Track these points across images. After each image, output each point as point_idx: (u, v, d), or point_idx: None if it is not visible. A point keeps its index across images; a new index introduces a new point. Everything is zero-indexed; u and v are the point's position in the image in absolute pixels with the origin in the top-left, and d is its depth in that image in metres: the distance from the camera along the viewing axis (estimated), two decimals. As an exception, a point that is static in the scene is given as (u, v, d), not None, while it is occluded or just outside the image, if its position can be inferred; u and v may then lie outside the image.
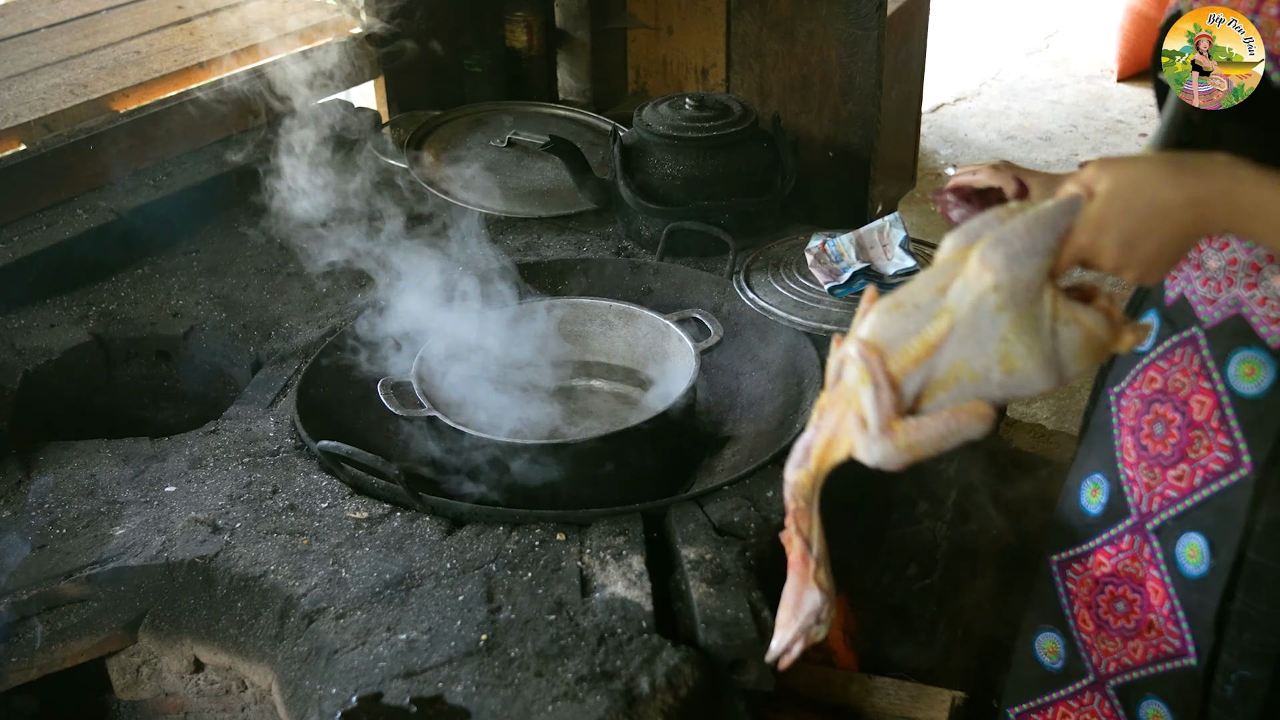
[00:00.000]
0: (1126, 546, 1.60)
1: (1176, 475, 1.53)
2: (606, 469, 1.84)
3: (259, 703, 1.79)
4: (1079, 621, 1.69)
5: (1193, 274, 1.50)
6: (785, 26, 2.91)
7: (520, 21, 3.11)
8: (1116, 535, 1.61)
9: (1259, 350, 1.45)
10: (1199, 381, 1.50)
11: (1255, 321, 1.44)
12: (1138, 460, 1.58)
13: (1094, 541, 1.65)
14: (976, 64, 6.00)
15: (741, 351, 2.18)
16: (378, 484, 1.79)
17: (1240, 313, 1.45)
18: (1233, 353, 1.47)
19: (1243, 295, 1.45)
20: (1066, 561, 1.69)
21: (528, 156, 2.67)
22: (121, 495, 1.82)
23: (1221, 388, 1.48)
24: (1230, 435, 1.47)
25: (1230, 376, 1.47)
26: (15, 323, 2.18)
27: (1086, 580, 1.67)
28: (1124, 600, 1.62)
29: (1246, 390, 1.46)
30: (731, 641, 1.52)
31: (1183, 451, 1.52)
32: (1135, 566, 1.60)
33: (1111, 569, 1.62)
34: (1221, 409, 1.48)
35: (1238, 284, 1.45)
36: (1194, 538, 1.51)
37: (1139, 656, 1.62)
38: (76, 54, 2.69)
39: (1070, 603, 1.70)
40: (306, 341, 2.13)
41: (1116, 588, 1.63)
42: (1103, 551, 1.64)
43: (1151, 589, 1.58)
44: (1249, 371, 1.46)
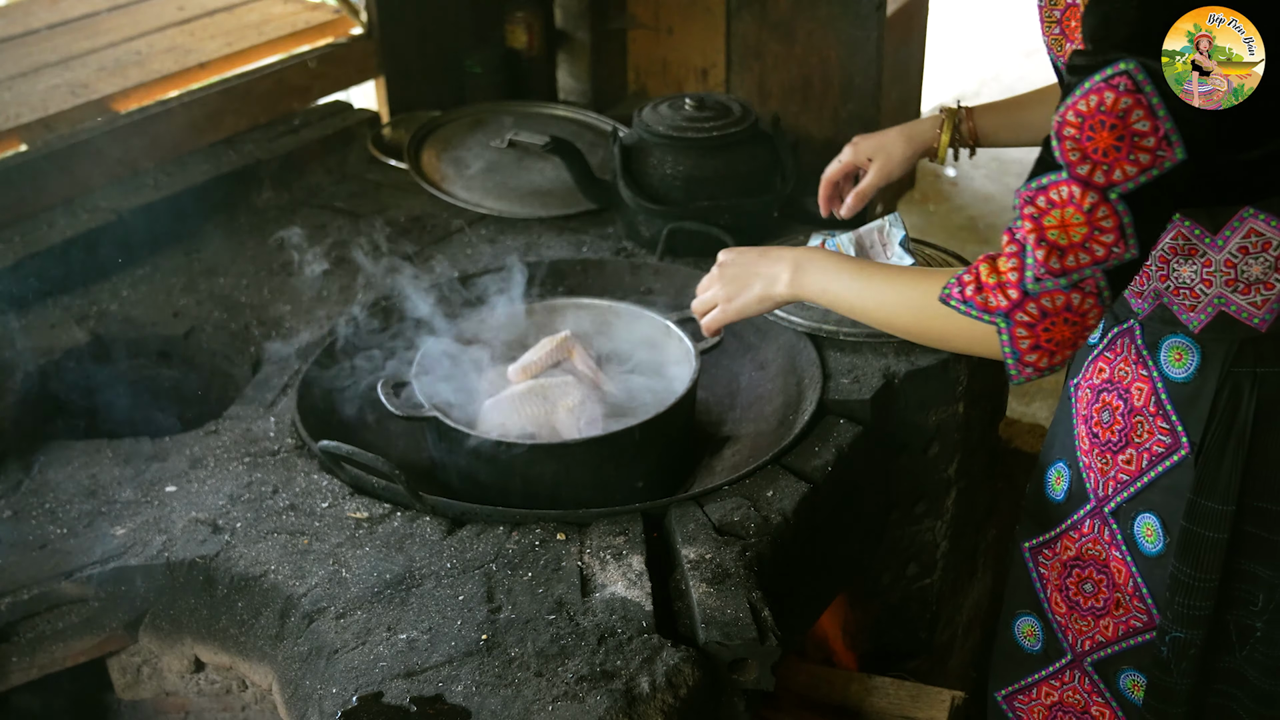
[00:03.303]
0: (1088, 530, 1.68)
1: (1125, 459, 1.61)
2: (606, 469, 1.84)
3: (259, 702, 1.79)
4: (1052, 604, 1.76)
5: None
6: (785, 27, 2.92)
7: (520, 21, 3.11)
8: (1079, 520, 1.69)
9: (1183, 336, 1.53)
10: (1137, 369, 1.58)
11: (1176, 310, 1.52)
12: (1090, 447, 1.65)
13: (1060, 527, 1.73)
14: (976, 64, 6.00)
15: (741, 351, 2.18)
16: (378, 484, 1.79)
17: (1162, 303, 1.53)
18: (1162, 340, 1.55)
19: (1160, 287, 1.52)
20: (1037, 547, 1.77)
21: (528, 156, 2.67)
22: (122, 495, 1.82)
23: (1156, 374, 1.56)
24: (1168, 419, 1.56)
25: (1162, 363, 1.55)
26: (16, 322, 2.18)
27: (1056, 564, 1.74)
28: (1091, 581, 1.70)
29: (1177, 375, 1.54)
30: (731, 641, 1.52)
31: (1128, 436, 1.60)
32: (1098, 549, 1.68)
33: (1077, 552, 1.70)
34: (1157, 394, 1.56)
35: (1153, 278, 1.53)
36: (1148, 517, 1.60)
37: (1110, 634, 1.70)
38: (77, 54, 2.69)
39: (1043, 587, 1.77)
40: (306, 341, 2.13)
41: (1083, 570, 1.70)
42: (1068, 536, 1.71)
43: (1115, 569, 1.66)
44: (1177, 357, 1.54)
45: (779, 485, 1.79)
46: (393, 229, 2.47)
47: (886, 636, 2.30)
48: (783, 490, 1.78)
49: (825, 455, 1.85)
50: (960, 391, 2.05)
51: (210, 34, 2.83)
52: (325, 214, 2.56)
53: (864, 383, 1.97)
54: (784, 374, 2.08)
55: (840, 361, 2.02)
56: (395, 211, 2.55)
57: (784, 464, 1.83)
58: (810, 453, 1.86)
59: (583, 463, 1.83)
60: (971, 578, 2.48)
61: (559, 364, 1.98)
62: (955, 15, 6.31)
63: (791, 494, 1.77)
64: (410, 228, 2.49)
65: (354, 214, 2.55)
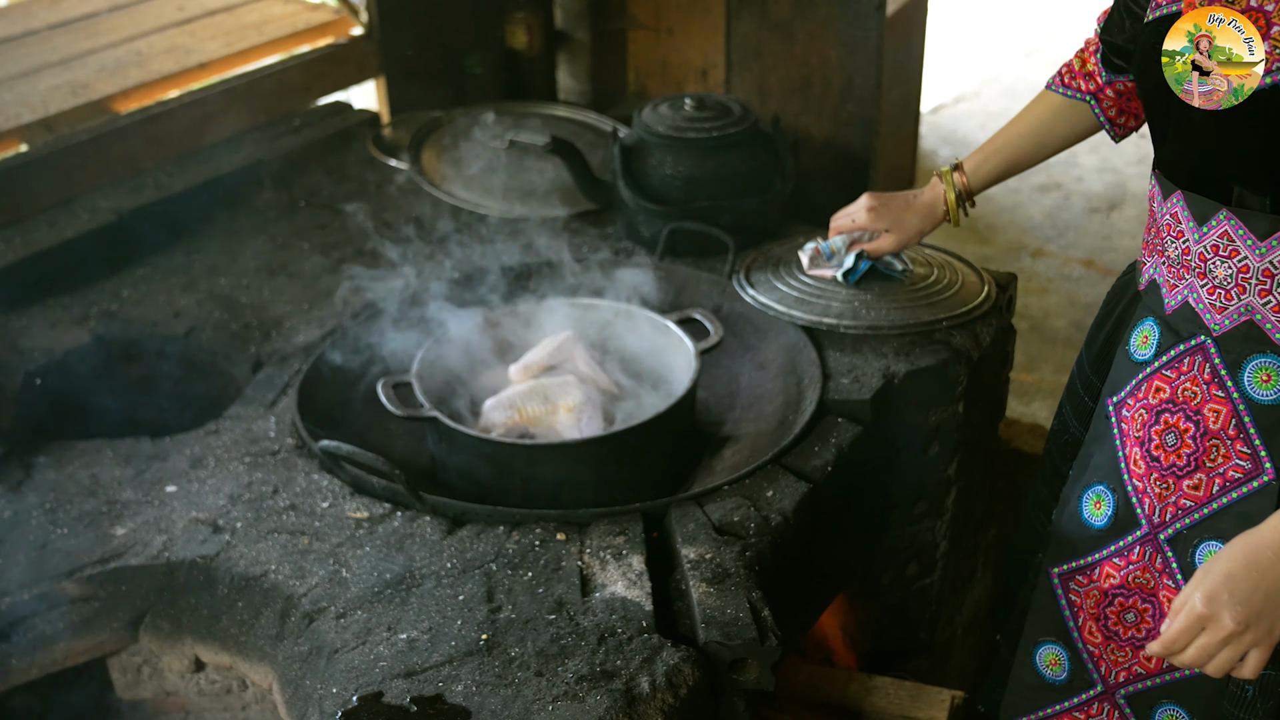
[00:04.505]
0: (1137, 558, 1.59)
1: (1192, 484, 1.52)
2: (606, 469, 1.84)
3: (260, 702, 1.79)
4: (1085, 633, 1.68)
5: (1197, 282, 1.49)
6: (785, 27, 2.92)
7: (520, 22, 3.11)
8: (1125, 547, 1.60)
9: (1273, 356, 1.45)
10: (1211, 390, 1.50)
11: (1269, 328, 1.45)
12: (1148, 471, 1.56)
13: (1099, 554, 1.64)
14: (976, 64, 6.00)
15: (741, 351, 2.18)
16: (378, 484, 1.79)
17: (1253, 319, 1.46)
18: (1247, 360, 1.47)
19: (1255, 302, 1.45)
20: (1069, 574, 1.68)
21: (528, 156, 2.67)
22: (122, 495, 1.82)
23: (1236, 395, 1.48)
24: (1249, 443, 1.48)
25: (1245, 383, 1.47)
26: (16, 322, 2.18)
27: (1093, 593, 1.65)
28: (1134, 611, 1.62)
29: (1263, 397, 1.46)
30: (731, 641, 1.52)
31: (1199, 461, 1.51)
32: (1146, 577, 1.59)
33: (1121, 580, 1.61)
34: (1238, 416, 1.48)
35: (1250, 291, 1.45)
36: (1213, 545, 1.51)
37: (1153, 666, 1.62)
38: (77, 55, 2.70)
39: (1074, 615, 1.69)
40: (306, 341, 2.14)
41: (1126, 598, 1.62)
42: (1110, 564, 1.62)
43: (1164, 598, 1.58)
44: (1265, 378, 1.46)
45: (779, 485, 1.79)
46: (393, 229, 2.48)
47: (886, 636, 2.30)
48: (783, 490, 1.78)
49: (825, 455, 1.85)
50: (960, 391, 2.05)
51: (210, 34, 2.83)
52: (325, 214, 2.56)
53: (864, 382, 1.97)
54: (784, 374, 2.08)
55: (840, 361, 2.02)
56: (395, 211, 2.55)
57: (784, 464, 1.84)
58: (810, 453, 1.86)
59: (583, 463, 1.83)
60: (971, 578, 2.48)
61: (560, 364, 1.98)
62: (955, 15, 6.31)
63: (791, 494, 1.77)
64: (410, 228, 2.49)
65: (354, 214, 2.55)
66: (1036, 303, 4.07)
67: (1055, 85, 1.82)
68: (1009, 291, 2.21)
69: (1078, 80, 1.79)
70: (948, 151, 5.03)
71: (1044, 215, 4.64)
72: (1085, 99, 1.79)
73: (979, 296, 2.13)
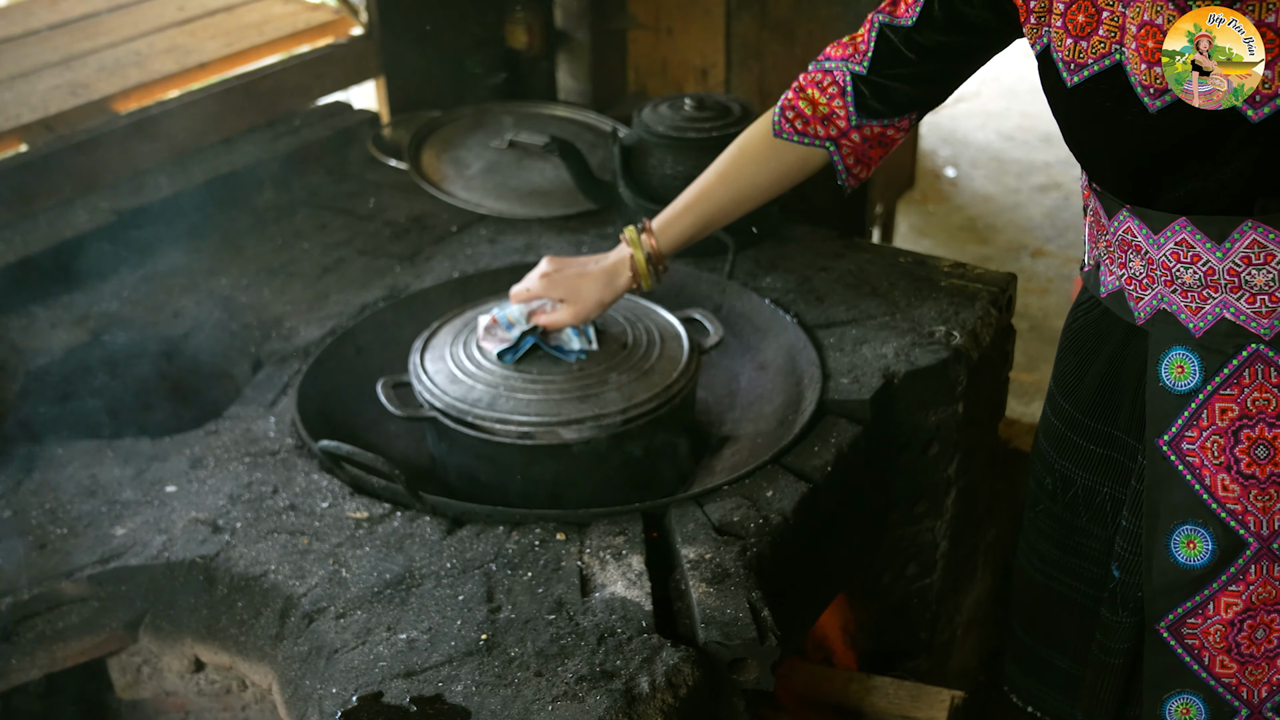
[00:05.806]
0: (1255, 576, 1.56)
1: None
2: (606, 469, 1.84)
3: (259, 702, 1.79)
4: (1216, 670, 1.62)
5: (1230, 298, 1.48)
6: (785, 27, 2.92)
7: (520, 21, 3.11)
8: (1238, 571, 1.56)
9: None
10: None
11: None
12: (1244, 492, 1.53)
13: (1209, 590, 1.59)
14: (976, 64, 6.00)
15: (741, 351, 2.19)
16: (378, 484, 1.79)
17: None
18: None
19: None
20: (1178, 621, 1.62)
21: (528, 156, 2.67)
22: (122, 495, 1.82)
23: None
24: None
25: None
26: (16, 322, 2.18)
27: (1213, 629, 1.60)
28: (1264, 627, 1.58)
29: None
30: (731, 641, 1.53)
31: None
32: (1269, 590, 1.56)
33: (1245, 604, 1.57)
34: None
35: None
36: None
37: None
38: (77, 55, 2.69)
39: (1198, 657, 1.62)
40: (306, 341, 2.14)
41: (1254, 617, 1.58)
42: (1225, 594, 1.58)
43: None
44: None
45: (779, 485, 1.79)
46: (392, 229, 2.48)
47: (886, 636, 2.30)
48: (782, 490, 1.78)
49: (825, 455, 1.85)
50: (960, 391, 2.05)
51: (210, 34, 2.83)
52: (325, 214, 2.56)
53: (864, 383, 1.97)
54: (784, 374, 2.08)
55: (840, 361, 2.02)
56: (395, 212, 2.56)
57: (784, 464, 1.84)
58: (810, 452, 1.86)
59: (583, 463, 1.83)
60: (971, 578, 2.48)
61: None
62: (955, 15, 6.31)
63: (791, 494, 1.77)
64: (410, 228, 2.49)
65: (354, 214, 2.55)
66: (1036, 303, 4.08)
67: (785, 133, 1.73)
68: (1009, 292, 2.21)
69: (813, 126, 1.71)
70: (948, 152, 5.04)
71: (1044, 215, 4.64)
72: (824, 145, 1.72)
73: (667, 380, 1.88)
